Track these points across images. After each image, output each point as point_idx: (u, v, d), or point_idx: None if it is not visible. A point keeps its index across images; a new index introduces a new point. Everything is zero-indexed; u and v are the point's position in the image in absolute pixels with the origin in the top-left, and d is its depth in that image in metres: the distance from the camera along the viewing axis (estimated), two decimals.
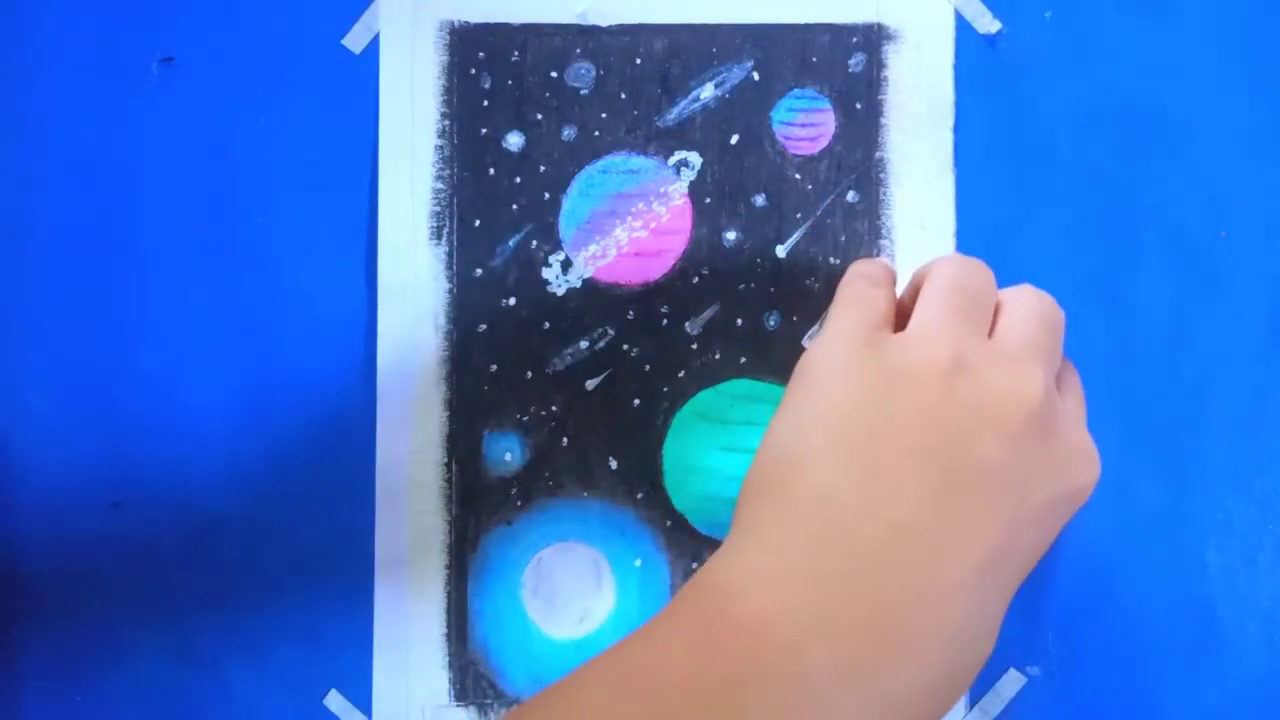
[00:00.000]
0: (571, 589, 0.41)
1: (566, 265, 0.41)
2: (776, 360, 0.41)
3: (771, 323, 0.42)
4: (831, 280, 0.41)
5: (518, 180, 0.41)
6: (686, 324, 0.41)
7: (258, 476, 0.41)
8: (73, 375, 0.41)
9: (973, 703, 0.41)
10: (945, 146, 0.41)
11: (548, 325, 0.41)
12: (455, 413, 0.41)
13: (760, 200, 0.42)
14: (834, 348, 0.34)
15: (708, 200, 0.42)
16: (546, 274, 0.41)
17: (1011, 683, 0.41)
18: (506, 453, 0.41)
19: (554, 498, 0.41)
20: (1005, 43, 0.42)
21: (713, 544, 0.41)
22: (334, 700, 0.40)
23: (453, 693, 0.41)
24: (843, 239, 0.41)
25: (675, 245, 0.42)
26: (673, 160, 0.42)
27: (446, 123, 0.41)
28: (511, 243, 0.41)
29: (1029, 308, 0.35)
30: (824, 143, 0.42)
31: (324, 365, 0.41)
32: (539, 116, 0.41)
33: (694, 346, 0.41)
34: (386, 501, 0.41)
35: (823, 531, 0.31)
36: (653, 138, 0.42)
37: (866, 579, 0.30)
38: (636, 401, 0.41)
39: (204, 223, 0.41)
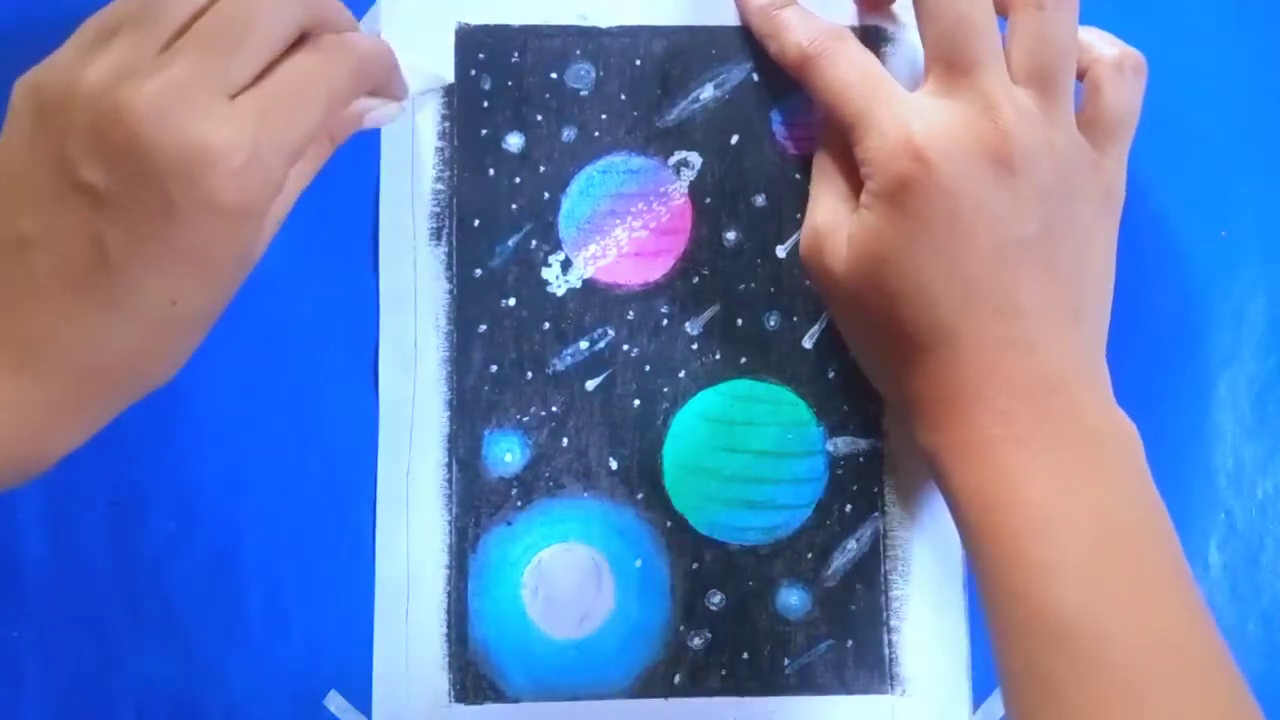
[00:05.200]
0: (571, 589, 0.41)
1: (566, 265, 0.41)
2: (776, 360, 0.41)
3: (771, 323, 0.42)
4: None
5: (518, 181, 0.41)
6: (686, 324, 0.42)
7: (258, 476, 0.41)
8: None
9: (976, 706, 0.41)
10: None
11: (548, 325, 0.41)
12: (455, 413, 0.41)
13: (760, 200, 0.42)
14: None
15: (708, 200, 0.42)
16: (546, 274, 0.41)
17: None
18: (507, 453, 0.41)
19: (554, 498, 0.41)
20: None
21: (713, 544, 0.41)
22: (334, 701, 0.40)
23: (453, 693, 0.41)
24: None
25: (675, 245, 0.42)
26: (673, 160, 0.42)
27: (446, 124, 0.41)
28: (511, 243, 0.41)
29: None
30: None
31: (325, 365, 0.41)
32: (539, 117, 0.42)
33: (694, 346, 0.41)
34: (387, 501, 0.41)
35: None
36: (653, 138, 0.42)
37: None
38: (636, 401, 0.41)
39: None
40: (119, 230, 0.32)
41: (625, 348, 0.41)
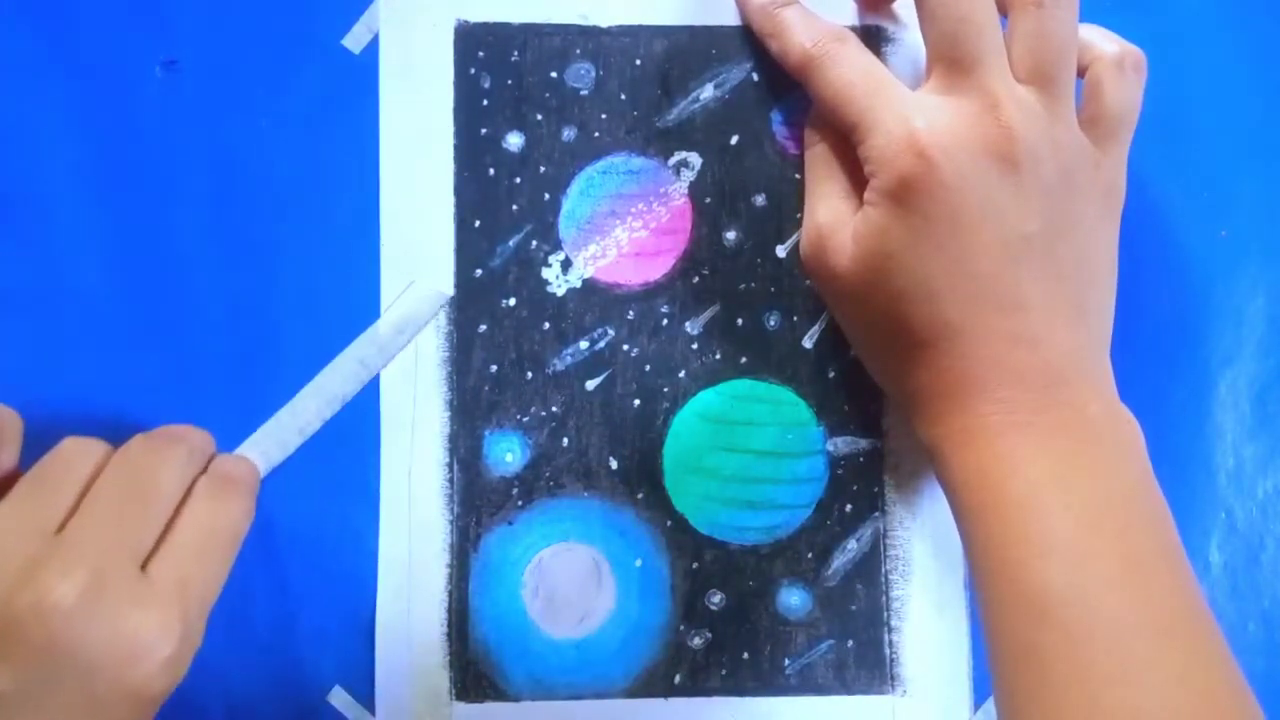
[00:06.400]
0: (572, 589, 0.41)
1: (566, 265, 0.41)
2: (776, 360, 0.41)
3: (771, 323, 0.42)
4: None
5: (518, 180, 0.41)
6: (686, 324, 0.42)
7: (261, 476, 0.41)
8: (75, 377, 0.41)
9: (976, 706, 0.41)
10: None
11: (548, 325, 0.41)
12: (456, 413, 0.41)
13: (760, 200, 0.42)
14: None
15: (708, 200, 0.42)
16: (546, 274, 0.41)
17: None
18: (507, 453, 0.41)
19: (554, 497, 0.41)
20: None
21: (713, 544, 0.41)
22: (338, 697, 0.41)
23: (454, 691, 0.41)
24: None
25: (675, 245, 0.42)
26: (673, 160, 0.42)
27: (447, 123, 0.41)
28: (511, 243, 0.41)
29: None
30: None
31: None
32: (539, 117, 0.41)
33: (694, 346, 0.41)
34: (389, 500, 0.41)
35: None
36: (653, 138, 0.42)
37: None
38: (636, 401, 0.41)
39: (206, 224, 0.41)
40: None
41: (625, 348, 0.41)
